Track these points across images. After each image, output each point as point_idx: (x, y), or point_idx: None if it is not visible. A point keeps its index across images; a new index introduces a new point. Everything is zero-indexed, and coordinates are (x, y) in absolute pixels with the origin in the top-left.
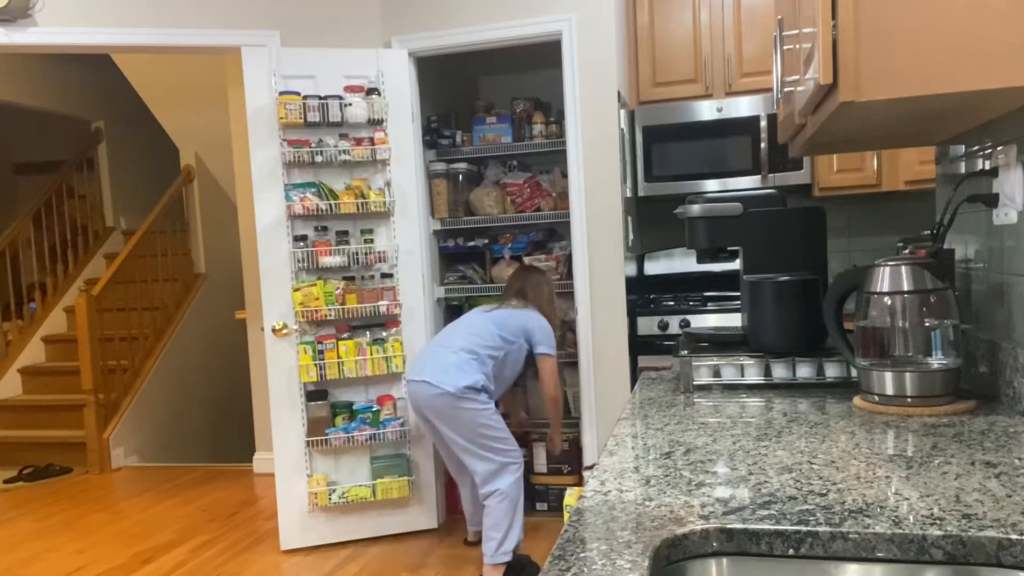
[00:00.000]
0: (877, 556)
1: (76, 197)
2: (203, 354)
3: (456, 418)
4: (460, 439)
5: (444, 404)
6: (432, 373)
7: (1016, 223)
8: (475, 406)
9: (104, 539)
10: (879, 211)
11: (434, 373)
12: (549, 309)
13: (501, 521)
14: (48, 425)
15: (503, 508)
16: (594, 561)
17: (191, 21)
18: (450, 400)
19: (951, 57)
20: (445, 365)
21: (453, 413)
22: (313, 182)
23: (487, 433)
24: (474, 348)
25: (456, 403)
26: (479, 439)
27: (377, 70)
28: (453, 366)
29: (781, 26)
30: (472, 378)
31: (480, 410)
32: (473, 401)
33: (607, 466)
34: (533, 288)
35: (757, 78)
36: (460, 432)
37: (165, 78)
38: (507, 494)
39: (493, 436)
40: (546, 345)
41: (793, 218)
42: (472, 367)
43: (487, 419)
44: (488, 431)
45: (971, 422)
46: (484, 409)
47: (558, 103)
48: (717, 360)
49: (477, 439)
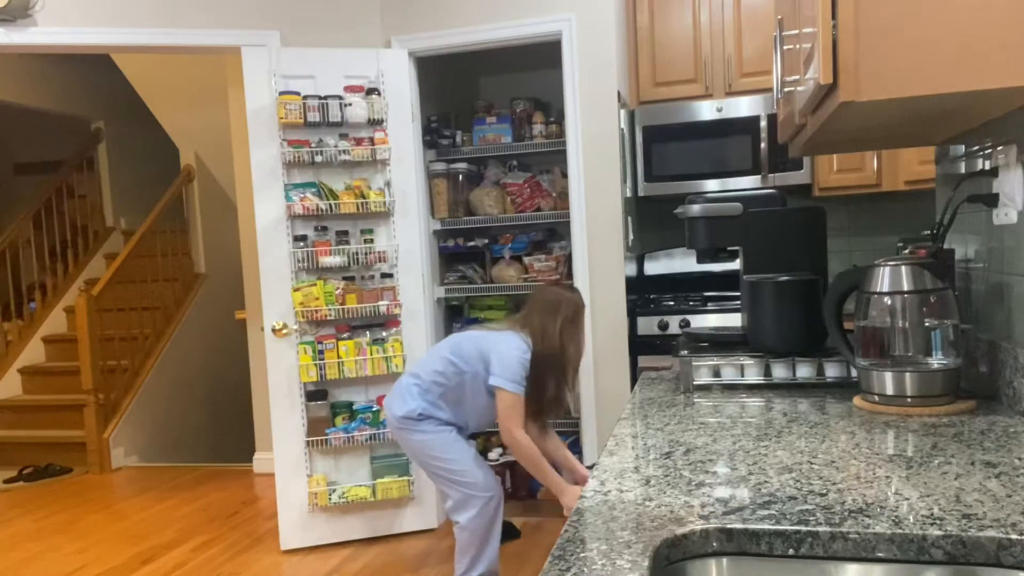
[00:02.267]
0: (877, 556)
1: (76, 197)
2: (203, 354)
3: (405, 445)
4: (419, 466)
5: (393, 430)
6: (388, 397)
7: (1016, 223)
8: (418, 436)
9: (104, 539)
10: (879, 211)
11: (388, 397)
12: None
13: (464, 551)
14: (48, 425)
15: (463, 540)
16: (594, 561)
17: (191, 21)
18: (394, 427)
19: (951, 57)
20: (394, 390)
21: (401, 440)
22: (313, 182)
23: (438, 464)
24: (419, 373)
25: (400, 434)
26: (432, 469)
27: (377, 70)
28: (396, 393)
29: (781, 26)
30: (408, 406)
31: (425, 440)
32: (413, 432)
33: (607, 466)
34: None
35: (757, 78)
36: (414, 459)
37: (165, 78)
38: (466, 528)
39: (446, 468)
40: (500, 376)
41: (793, 218)
42: (411, 394)
43: (434, 449)
44: (438, 462)
45: (971, 422)
46: (430, 439)
47: (558, 103)
48: (717, 360)
49: (430, 469)
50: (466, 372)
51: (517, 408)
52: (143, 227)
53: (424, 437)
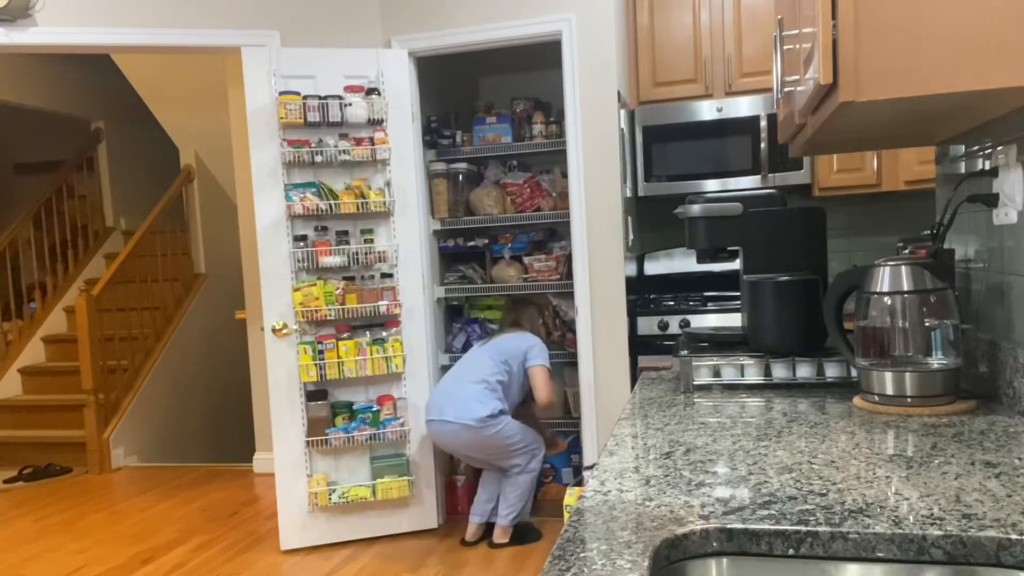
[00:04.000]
0: (877, 556)
1: (76, 197)
2: (203, 354)
3: (484, 445)
4: (493, 459)
5: (470, 436)
6: (452, 411)
7: (1016, 223)
8: (497, 429)
9: (104, 539)
10: (879, 211)
11: (453, 410)
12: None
13: (525, 493)
14: (48, 425)
15: (526, 481)
16: (594, 561)
17: (191, 21)
18: (474, 432)
19: (951, 57)
20: (463, 400)
21: (480, 442)
22: (313, 182)
23: (513, 446)
24: (485, 378)
25: (480, 433)
26: (509, 453)
27: (377, 70)
28: (471, 399)
29: (781, 26)
30: (490, 407)
31: (502, 431)
32: (494, 427)
33: (607, 466)
34: (528, 320)
35: (757, 78)
36: (490, 454)
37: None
38: (533, 470)
39: (518, 444)
40: (541, 359)
41: (793, 218)
42: (487, 396)
43: (509, 435)
44: (513, 444)
45: (971, 422)
46: (505, 428)
47: (558, 103)
48: (717, 360)
49: (507, 454)
50: (515, 369)
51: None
52: (143, 227)
53: (501, 428)
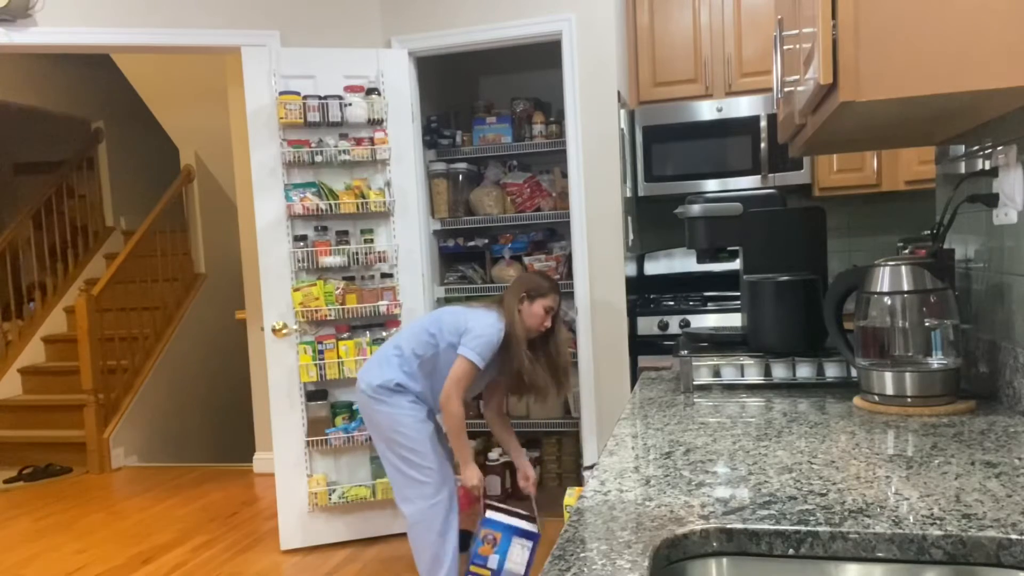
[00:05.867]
0: (877, 556)
1: (76, 197)
2: (203, 354)
3: (371, 419)
4: (377, 443)
5: (362, 402)
6: (364, 366)
7: (1016, 223)
8: (387, 408)
9: (104, 539)
10: (879, 211)
11: (364, 367)
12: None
13: (420, 551)
14: (48, 425)
15: (414, 535)
16: (594, 561)
17: (191, 21)
18: (366, 396)
19: (951, 57)
20: (372, 360)
21: (368, 414)
22: (313, 182)
23: (400, 441)
24: (400, 344)
25: (369, 405)
26: (392, 445)
27: (377, 70)
28: (375, 362)
29: (781, 26)
30: (386, 376)
31: (393, 413)
32: (384, 403)
33: (607, 466)
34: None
35: (757, 78)
36: (376, 435)
37: (165, 78)
38: (418, 521)
39: (407, 446)
40: (466, 346)
41: (793, 218)
42: (390, 364)
43: (402, 425)
44: (401, 439)
45: (971, 422)
46: (399, 414)
47: (558, 103)
48: (717, 360)
49: (391, 445)
50: (442, 344)
51: (467, 379)
52: (143, 227)
53: (393, 411)
